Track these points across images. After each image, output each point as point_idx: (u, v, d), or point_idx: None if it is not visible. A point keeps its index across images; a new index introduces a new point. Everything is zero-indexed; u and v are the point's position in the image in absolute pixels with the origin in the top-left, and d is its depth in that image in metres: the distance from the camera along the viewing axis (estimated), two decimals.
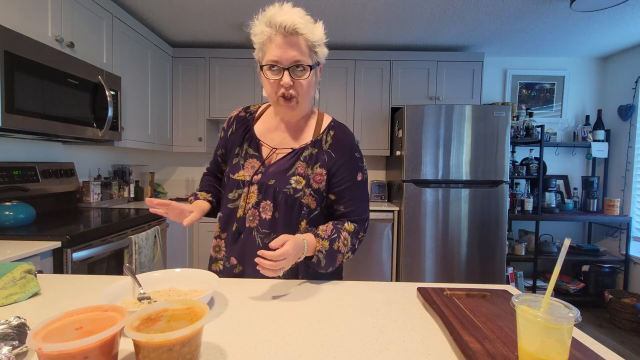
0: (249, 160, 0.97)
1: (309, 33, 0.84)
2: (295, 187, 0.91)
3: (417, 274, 2.66)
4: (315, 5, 2.34)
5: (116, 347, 0.49)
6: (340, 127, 0.99)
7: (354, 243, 0.94)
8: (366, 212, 0.98)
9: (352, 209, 0.96)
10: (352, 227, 0.94)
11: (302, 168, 0.93)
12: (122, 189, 2.65)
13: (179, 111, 3.07)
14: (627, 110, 2.98)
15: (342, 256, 0.91)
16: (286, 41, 0.83)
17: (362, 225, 0.97)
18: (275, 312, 0.71)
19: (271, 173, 0.93)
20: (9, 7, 1.48)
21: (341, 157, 0.94)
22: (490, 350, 0.54)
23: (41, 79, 1.57)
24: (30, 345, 0.43)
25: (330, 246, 0.87)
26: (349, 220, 0.95)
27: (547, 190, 3.07)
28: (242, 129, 1.02)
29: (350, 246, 0.92)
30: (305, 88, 0.88)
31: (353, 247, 0.94)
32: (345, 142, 0.96)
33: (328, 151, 0.95)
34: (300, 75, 0.86)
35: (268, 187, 0.91)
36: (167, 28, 2.75)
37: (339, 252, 0.89)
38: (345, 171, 0.94)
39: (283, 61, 0.84)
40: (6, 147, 1.85)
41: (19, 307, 0.72)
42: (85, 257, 1.50)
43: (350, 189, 0.95)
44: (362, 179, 0.97)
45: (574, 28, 2.63)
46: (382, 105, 3.07)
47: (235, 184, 0.96)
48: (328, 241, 0.87)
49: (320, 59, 0.91)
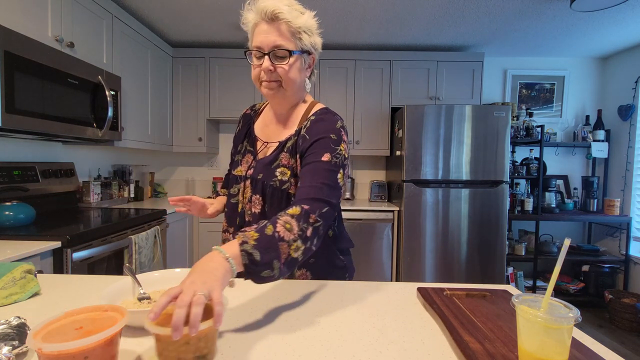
0: (246, 156, 0.99)
1: (291, 18, 0.83)
2: (281, 179, 0.90)
3: (417, 274, 2.66)
4: (315, 5, 2.34)
5: (116, 347, 0.49)
6: (322, 113, 0.92)
7: (302, 228, 0.70)
8: (325, 194, 0.77)
9: (307, 184, 0.79)
10: (297, 210, 0.72)
11: (285, 159, 0.91)
12: (122, 189, 2.65)
13: (179, 111, 3.07)
14: (627, 110, 2.98)
15: (286, 244, 0.66)
16: (268, 27, 0.83)
17: (314, 205, 0.74)
18: (275, 312, 0.71)
19: (258, 167, 0.94)
20: (9, 7, 1.48)
21: (313, 136, 0.86)
22: (490, 350, 0.54)
23: (41, 79, 1.57)
24: (30, 345, 0.43)
25: (260, 233, 0.65)
26: (300, 201, 0.75)
27: (547, 190, 3.07)
28: (245, 127, 1.05)
29: (298, 232, 0.69)
30: (286, 73, 0.86)
31: (303, 235, 0.69)
32: (321, 125, 0.88)
33: (304, 135, 0.89)
34: (281, 62, 0.85)
35: (257, 181, 0.92)
36: (167, 28, 2.75)
37: (280, 240, 0.66)
38: (312, 150, 0.84)
39: (264, 47, 0.84)
40: (6, 147, 1.85)
41: (19, 307, 0.72)
42: (85, 257, 1.50)
43: (312, 165, 0.82)
44: (328, 160, 0.82)
45: (574, 28, 2.63)
46: (382, 105, 3.07)
47: (235, 179, 0.99)
48: (255, 230, 0.66)
49: (306, 47, 0.87)
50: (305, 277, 0.96)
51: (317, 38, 0.91)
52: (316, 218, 0.73)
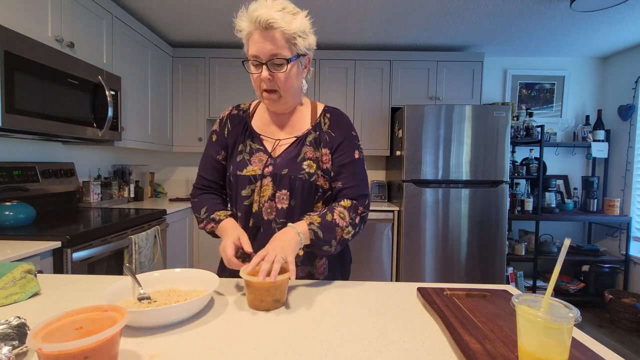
0: (255, 155, 0.96)
1: (285, 25, 0.83)
2: (309, 172, 0.93)
3: (417, 274, 2.66)
4: (315, 5, 2.34)
5: (116, 347, 0.49)
6: (336, 110, 1.02)
7: (352, 217, 0.91)
8: (365, 189, 0.96)
9: (350, 184, 0.95)
10: (348, 203, 0.92)
11: (310, 152, 0.95)
12: (122, 189, 2.65)
13: (179, 111, 3.07)
14: (627, 110, 2.98)
15: (340, 230, 0.88)
16: (263, 36, 0.83)
17: (361, 201, 0.94)
18: (275, 312, 0.71)
19: (281, 163, 0.94)
20: (9, 7, 1.48)
21: (340, 135, 0.97)
22: (490, 350, 0.54)
23: (41, 79, 1.57)
24: (30, 345, 0.43)
25: (322, 218, 0.86)
26: (346, 198, 0.94)
27: (547, 190, 3.07)
28: (239, 126, 1.01)
29: (349, 220, 0.89)
30: (284, 81, 0.88)
31: (353, 222, 0.90)
32: (343, 122, 0.99)
33: (328, 131, 0.97)
34: (279, 69, 0.86)
35: (282, 176, 0.92)
36: (167, 28, 2.75)
37: (336, 226, 0.87)
38: (344, 148, 0.96)
39: (261, 56, 0.85)
40: (6, 147, 1.85)
41: (18, 307, 0.72)
42: (85, 257, 1.50)
43: (348, 165, 0.95)
44: (359, 157, 0.98)
45: (574, 28, 2.63)
46: (382, 105, 3.07)
47: (247, 180, 0.94)
48: (318, 215, 0.87)
49: (301, 50, 0.88)
50: (325, 266, 0.98)
51: (311, 38, 0.91)
52: (363, 210, 0.94)
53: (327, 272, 0.99)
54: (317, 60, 3.03)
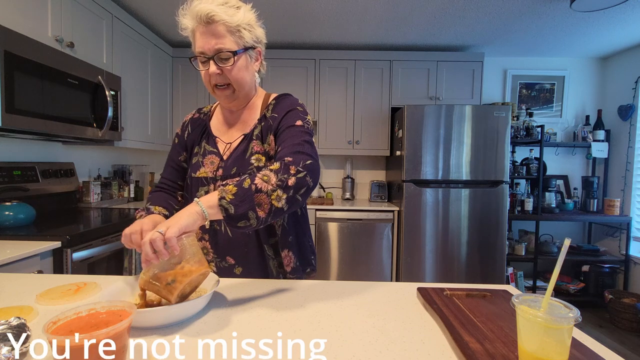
0: (207, 157, 0.97)
1: (227, 18, 0.82)
2: (257, 166, 0.91)
3: (417, 274, 2.66)
4: (315, 5, 2.34)
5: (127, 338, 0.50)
6: (283, 96, 0.98)
7: (282, 179, 0.74)
8: (306, 149, 0.82)
9: (287, 144, 0.84)
10: (277, 165, 0.77)
11: (257, 146, 0.93)
12: (122, 189, 2.65)
13: (179, 111, 3.07)
14: (627, 110, 2.98)
15: (266, 195, 0.72)
16: (206, 30, 0.82)
17: (296, 158, 0.79)
18: (274, 312, 0.71)
19: (231, 163, 0.93)
20: (9, 7, 1.48)
21: (282, 113, 0.93)
22: (490, 350, 0.54)
23: (41, 79, 1.57)
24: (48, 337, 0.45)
25: (238, 187, 0.72)
26: (279, 159, 0.80)
27: (547, 190, 3.07)
28: (198, 129, 1.02)
29: (276, 182, 0.73)
30: (234, 74, 0.87)
31: (283, 184, 0.74)
32: (285, 102, 0.95)
33: (272, 115, 0.94)
34: (226, 63, 0.85)
35: (232, 177, 0.91)
36: (167, 28, 2.75)
37: (257, 192, 0.71)
38: (285, 120, 0.91)
39: (207, 51, 0.84)
40: (6, 147, 1.85)
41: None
42: (85, 257, 1.50)
43: (288, 130, 0.88)
44: (302, 124, 0.89)
45: (574, 28, 2.63)
46: (382, 105, 3.07)
47: (199, 182, 0.95)
48: (234, 184, 0.73)
49: (248, 43, 0.87)
50: (289, 258, 0.97)
51: (259, 31, 0.90)
52: (297, 169, 0.77)
53: (295, 262, 0.97)
54: (317, 60, 3.03)
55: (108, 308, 0.54)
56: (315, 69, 3.04)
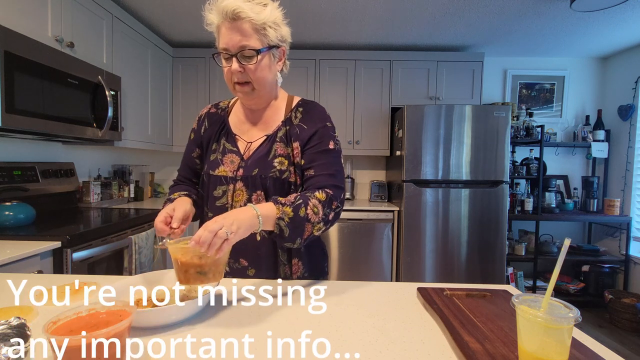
0: (227, 155, 0.95)
1: (253, 15, 0.81)
2: (280, 169, 0.90)
3: (417, 274, 2.66)
4: (315, 5, 2.34)
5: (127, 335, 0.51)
6: (310, 103, 0.98)
7: (326, 213, 0.83)
8: (341, 182, 0.89)
9: (324, 172, 0.88)
10: (323, 196, 0.84)
11: (281, 148, 0.92)
12: (122, 189, 2.65)
13: (179, 111, 3.07)
14: (627, 110, 2.98)
15: (311, 226, 0.80)
16: (232, 27, 0.81)
17: (336, 194, 0.86)
18: (274, 312, 0.71)
19: (252, 163, 0.92)
20: (9, 7, 1.48)
21: (312, 127, 0.92)
22: (490, 350, 0.54)
23: (41, 79, 1.57)
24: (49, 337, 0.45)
25: (295, 213, 0.77)
26: (322, 187, 0.86)
27: (547, 190, 3.07)
28: (216, 124, 1.01)
29: (322, 216, 0.81)
30: (255, 73, 0.86)
31: (326, 218, 0.83)
32: (315, 113, 0.95)
33: (299, 124, 0.93)
34: (249, 61, 0.84)
35: (254, 177, 0.90)
36: (167, 28, 2.75)
37: (307, 221, 0.79)
38: (318, 138, 0.91)
39: (230, 48, 0.83)
40: (6, 147, 1.85)
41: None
42: (85, 257, 1.50)
43: (322, 154, 0.90)
44: (335, 147, 0.92)
45: (574, 28, 2.63)
46: (382, 105, 3.07)
47: (218, 180, 0.94)
48: (291, 208, 0.78)
49: (273, 41, 0.86)
50: (298, 267, 0.95)
51: (284, 29, 0.89)
52: (337, 204, 0.87)
53: (302, 271, 0.96)
54: (317, 60, 3.03)
55: (108, 308, 0.54)
56: (315, 69, 3.04)
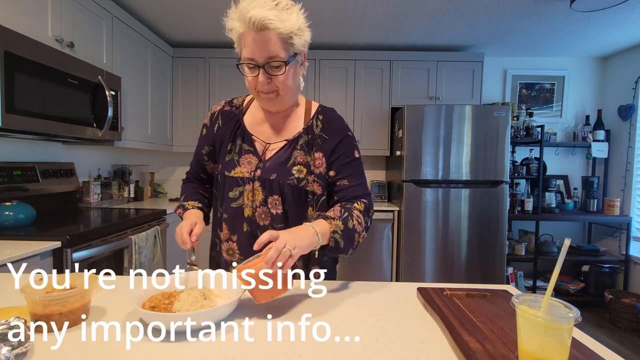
0: (244, 156, 0.94)
1: (281, 26, 0.78)
2: (299, 177, 0.90)
3: (417, 274, 2.66)
4: (315, 5, 2.34)
5: None
6: (329, 111, 0.99)
7: (366, 221, 0.90)
8: (368, 189, 0.96)
9: (357, 182, 0.93)
10: (362, 206, 0.90)
11: (301, 156, 0.92)
12: (122, 189, 2.65)
13: (179, 111, 3.07)
14: (627, 110, 2.98)
15: (358, 235, 0.87)
16: (258, 37, 0.78)
17: (370, 201, 0.94)
18: (274, 312, 0.71)
19: (270, 167, 0.91)
20: (9, 7, 1.48)
21: (335, 137, 0.93)
22: (490, 350, 0.54)
23: (41, 79, 1.57)
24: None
25: (344, 225, 0.83)
26: (357, 197, 0.92)
27: (547, 190, 3.07)
28: (231, 123, 0.98)
29: (364, 225, 0.89)
30: (283, 83, 0.85)
31: (367, 226, 0.91)
32: (337, 123, 0.96)
33: (321, 134, 0.94)
34: (277, 72, 0.83)
35: (271, 182, 0.90)
36: (167, 28, 2.75)
37: (355, 231, 0.85)
38: (343, 148, 0.93)
39: (257, 59, 0.80)
40: (6, 147, 1.85)
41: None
42: (85, 257, 1.50)
43: (352, 164, 0.93)
44: (359, 156, 0.96)
45: (574, 28, 2.63)
46: (382, 105, 3.07)
47: (234, 181, 0.92)
48: (341, 221, 0.83)
49: (298, 48, 0.84)
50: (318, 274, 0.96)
51: (307, 34, 0.87)
52: (372, 211, 0.94)
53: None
54: (317, 60, 3.03)
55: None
56: (315, 69, 3.04)
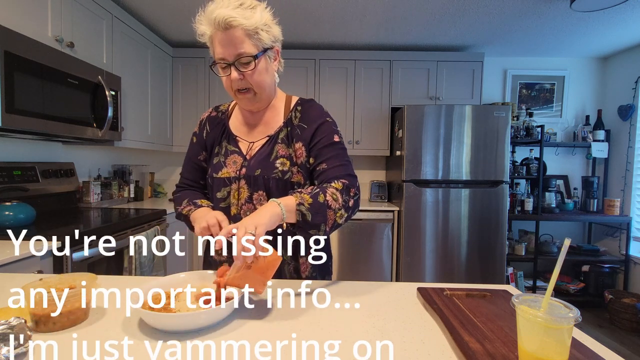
0: (229, 157, 0.96)
1: (244, 22, 0.81)
2: (283, 170, 0.91)
3: (417, 274, 2.66)
4: (315, 5, 2.34)
5: None
6: (307, 101, 0.99)
7: (345, 200, 0.85)
8: (352, 171, 0.92)
9: (336, 164, 0.90)
10: (339, 185, 0.86)
11: (282, 150, 0.93)
12: (122, 189, 2.65)
13: (179, 111, 3.07)
14: (627, 110, 2.98)
15: (333, 212, 0.81)
16: (225, 36, 0.82)
17: (352, 181, 0.89)
18: (274, 312, 0.71)
19: (255, 164, 0.93)
20: (9, 7, 1.48)
21: (313, 124, 0.94)
22: (490, 350, 0.54)
23: (41, 79, 1.57)
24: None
25: (314, 200, 0.80)
26: (337, 178, 0.88)
27: (547, 190, 3.07)
28: (217, 128, 1.02)
29: (342, 202, 0.84)
30: (255, 78, 0.87)
31: (346, 205, 0.85)
32: (314, 111, 0.96)
33: (300, 124, 0.95)
34: (247, 68, 0.85)
35: (256, 178, 0.91)
36: (167, 28, 2.75)
37: (327, 207, 0.81)
38: (322, 134, 0.93)
39: (227, 57, 0.84)
40: (6, 147, 1.85)
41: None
42: (85, 257, 1.50)
43: (329, 148, 0.92)
44: (340, 140, 0.94)
45: (574, 28, 2.63)
46: (382, 105, 3.07)
47: (222, 182, 0.95)
48: (310, 195, 0.81)
49: (267, 44, 0.86)
50: (306, 266, 0.96)
51: (275, 30, 0.89)
52: (355, 191, 0.89)
53: (310, 271, 0.97)
54: (317, 60, 3.03)
55: None
56: (315, 69, 3.04)
